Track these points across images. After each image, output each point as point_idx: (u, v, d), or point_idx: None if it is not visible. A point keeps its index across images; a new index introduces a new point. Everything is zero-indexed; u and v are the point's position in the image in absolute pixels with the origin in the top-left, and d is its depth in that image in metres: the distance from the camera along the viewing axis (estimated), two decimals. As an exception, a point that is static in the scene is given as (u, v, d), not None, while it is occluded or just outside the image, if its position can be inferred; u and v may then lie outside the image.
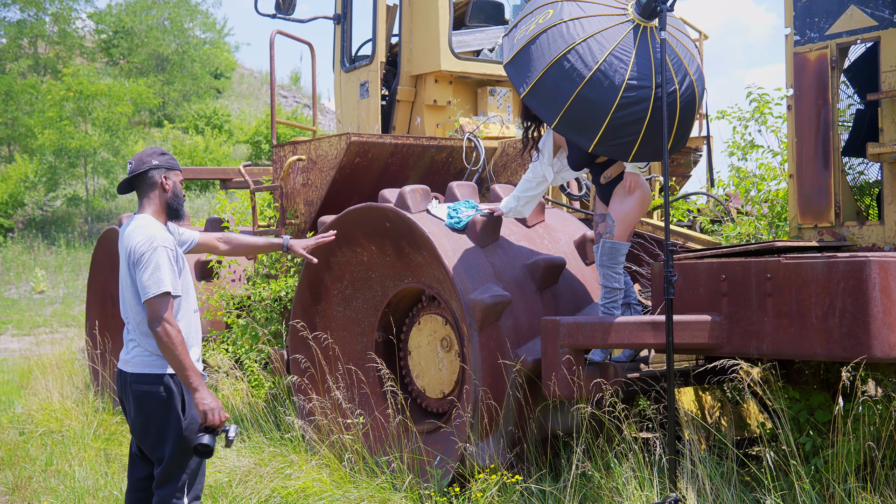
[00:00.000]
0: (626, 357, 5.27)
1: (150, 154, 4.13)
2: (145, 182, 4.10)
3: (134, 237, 3.96)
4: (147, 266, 3.89)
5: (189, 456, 4.03)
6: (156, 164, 4.09)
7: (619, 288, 5.07)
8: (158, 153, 4.15)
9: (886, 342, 3.92)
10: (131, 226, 4.04)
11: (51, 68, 31.69)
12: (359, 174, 6.97)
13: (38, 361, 10.28)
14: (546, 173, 5.25)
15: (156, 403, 3.99)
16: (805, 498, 4.24)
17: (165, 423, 4.00)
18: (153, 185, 4.10)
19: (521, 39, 4.70)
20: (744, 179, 6.47)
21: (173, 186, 4.13)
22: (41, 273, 22.22)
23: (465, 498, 4.95)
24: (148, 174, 4.09)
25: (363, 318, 6.17)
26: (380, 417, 5.89)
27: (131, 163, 4.14)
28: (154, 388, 3.99)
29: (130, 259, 3.95)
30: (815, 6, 4.83)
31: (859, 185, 5.41)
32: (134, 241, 3.94)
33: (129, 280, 3.99)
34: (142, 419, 4.03)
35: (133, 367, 4.03)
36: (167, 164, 4.12)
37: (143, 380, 4.00)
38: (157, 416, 4.00)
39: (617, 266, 5.07)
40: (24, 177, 25.87)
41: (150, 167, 4.08)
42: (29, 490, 6.20)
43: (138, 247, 3.92)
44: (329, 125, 30.25)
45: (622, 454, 4.79)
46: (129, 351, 4.07)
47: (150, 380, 4.00)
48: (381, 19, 7.94)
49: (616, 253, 5.06)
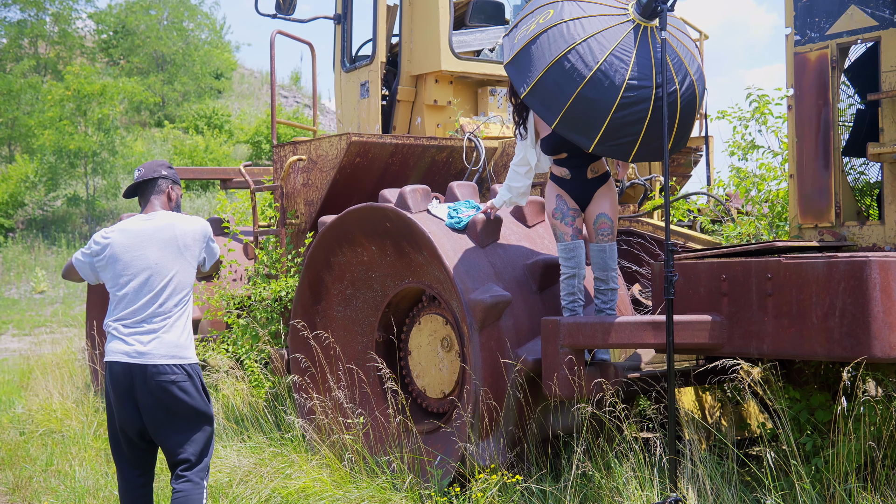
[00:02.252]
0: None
1: (160, 165, 4.47)
2: (155, 188, 4.43)
3: (195, 224, 4.35)
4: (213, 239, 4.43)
5: (212, 440, 4.31)
6: (164, 175, 4.43)
7: (616, 288, 5.07)
8: (166, 166, 4.48)
9: (887, 342, 3.92)
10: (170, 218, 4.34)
11: (51, 68, 31.69)
12: (359, 174, 6.97)
13: (38, 361, 10.28)
14: (529, 156, 5.13)
15: (183, 391, 4.15)
16: (805, 498, 4.24)
17: (194, 410, 4.18)
18: (160, 193, 4.42)
19: (521, 39, 4.69)
20: (744, 179, 6.47)
21: (177, 198, 4.49)
22: (41, 273, 22.22)
23: (465, 498, 4.95)
24: (157, 181, 4.41)
25: (363, 317, 6.17)
26: (380, 417, 5.89)
27: (140, 170, 4.45)
28: (181, 376, 4.16)
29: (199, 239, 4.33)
30: (815, 6, 4.83)
31: (860, 185, 5.41)
32: (199, 226, 4.35)
33: (187, 260, 4.29)
34: (166, 409, 4.14)
35: (158, 359, 4.13)
36: (173, 177, 4.48)
37: (170, 370, 4.14)
38: (186, 404, 4.16)
39: (615, 269, 5.07)
40: (24, 177, 25.87)
41: (160, 176, 4.42)
42: (29, 490, 6.20)
43: (206, 227, 4.37)
44: (329, 125, 30.25)
45: (622, 454, 4.79)
46: (147, 343, 4.13)
47: (177, 370, 4.16)
48: (382, 19, 7.94)
49: (615, 254, 5.07)
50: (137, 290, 4.18)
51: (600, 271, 5.03)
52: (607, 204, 5.01)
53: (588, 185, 5.02)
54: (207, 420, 4.25)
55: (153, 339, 4.13)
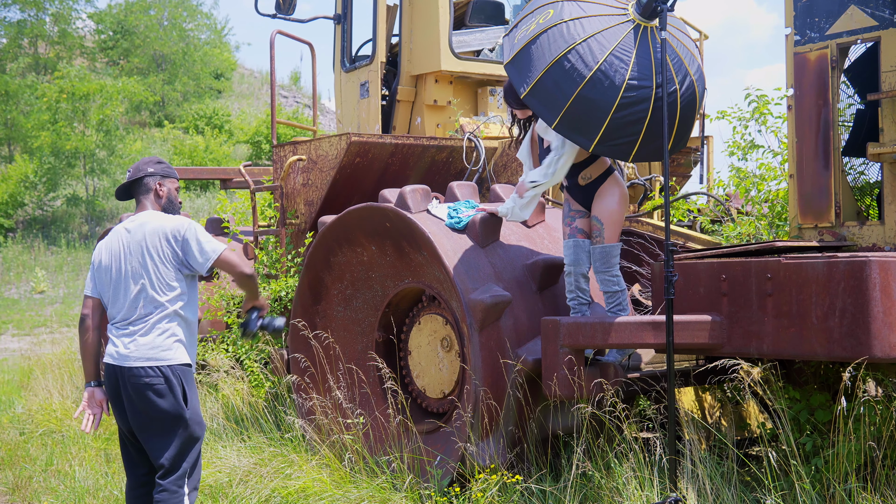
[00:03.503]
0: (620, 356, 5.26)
1: (147, 162, 4.42)
2: (142, 187, 4.38)
3: (164, 222, 4.22)
4: (197, 236, 4.20)
5: (190, 445, 4.17)
6: (151, 172, 4.38)
7: (619, 290, 5.06)
8: (155, 162, 4.43)
9: (887, 342, 3.92)
10: (147, 217, 4.26)
11: (51, 68, 31.68)
12: (359, 174, 6.97)
13: (38, 361, 10.30)
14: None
15: (158, 395, 4.08)
16: (805, 498, 4.24)
17: (168, 414, 4.10)
18: (148, 191, 4.37)
19: (521, 39, 4.69)
20: (744, 179, 6.47)
21: (167, 193, 4.41)
22: (41, 273, 22.22)
23: (465, 498, 4.95)
24: (143, 180, 4.37)
25: (363, 317, 6.17)
26: (380, 417, 5.89)
27: (130, 170, 4.42)
28: (155, 379, 4.08)
29: (168, 239, 4.17)
30: (815, 6, 4.83)
31: (860, 185, 5.41)
32: (168, 225, 4.20)
33: (156, 261, 4.17)
34: (143, 412, 4.10)
35: (134, 361, 4.10)
36: (162, 172, 4.41)
37: (144, 373, 4.08)
38: (159, 407, 4.08)
39: (612, 269, 5.05)
40: (23, 177, 25.87)
41: (146, 174, 4.37)
42: (29, 490, 6.20)
43: (178, 226, 4.20)
44: (329, 125, 30.24)
45: (622, 454, 4.79)
46: (127, 345, 4.13)
47: (151, 372, 4.09)
48: (382, 19, 7.94)
49: (609, 256, 5.03)
50: (117, 294, 4.21)
51: (596, 273, 5.08)
52: (600, 206, 5.04)
53: (585, 190, 5.10)
54: (184, 424, 4.13)
55: (131, 341, 4.12)
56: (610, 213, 5.02)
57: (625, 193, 5.10)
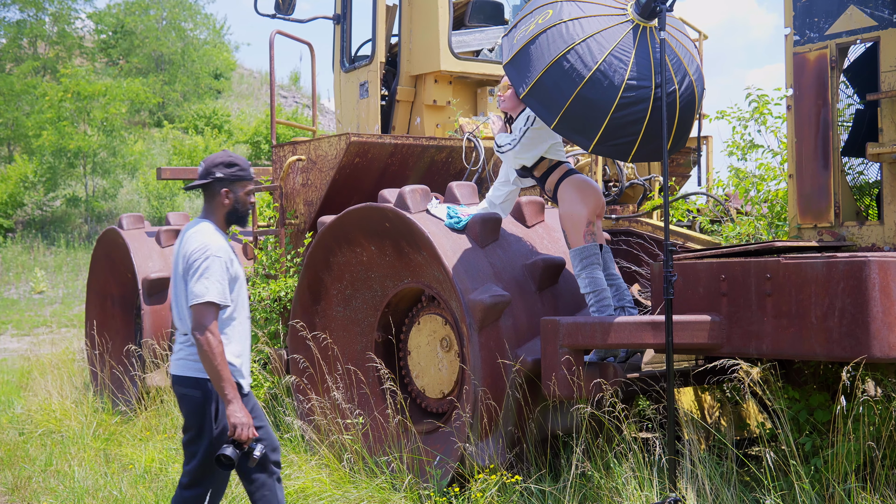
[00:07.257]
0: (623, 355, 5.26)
1: (218, 164, 4.11)
2: (209, 190, 4.13)
3: (190, 243, 4.01)
4: (198, 273, 3.92)
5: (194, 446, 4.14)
6: (219, 177, 4.07)
7: (598, 290, 5.00)
8: (225, 164, 4.11)
9: (886, 342, 3.92)
10: (190, 231, 4.08)
11: (50, 68, 31.67)
12: (359, 174, 6.97)
13: (37, 362, 10.28)
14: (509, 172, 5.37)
15: (192, 406, 4.08)
16: (805, 498, 4.24)
17: (199, 427, 4.07)
18: (212, 197, 4.12)
19: (520, 40, 4.69)
20: (743, 179, 6.47)
21: (234, 200, 4.12)
22: (41, 273, 22.21)
23: (464, 498, 4.95)
24: (211, 185, 4.11)
25: (363, 318, 6.17)
26: (379, 418, 5.89)
27: (201, 166, 4.15)
28: (192, 391, 4.07)
29: (185, 264, 4.00)
30: (814, 6, 4.83)
31: (859, 185, 5.41)
32: (189, 248, 3.99)
33: (183, 285, 4.03)
34: (183, 418, 4.15)
35: (175, 369, 4.12)
36: (230, 177, 4.09)
37: (182, 382, 4.09)
38: (193, 418, 4.09)
39: (589, 269, 5.00)
40: (23, 177, 25.85)
41: (214, 179, 4.09)
42: (28, 490, 6.20)
43: (193, 253, 3.96)
44: (329, 125, 30.24)
45: (622, 454, 4.79)
46: (176, 353, 4.16)
47: (189, 383, 4.07)
48: (381, 19, 7.94)
49: (579, 257, 5.02)
50: (175, 301, 4.20)
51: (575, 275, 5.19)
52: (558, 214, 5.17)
53: (555, 198, 5.20)
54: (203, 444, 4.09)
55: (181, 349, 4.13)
56: (562, 219, 5.07)
57: (579, 185, 5.07)
